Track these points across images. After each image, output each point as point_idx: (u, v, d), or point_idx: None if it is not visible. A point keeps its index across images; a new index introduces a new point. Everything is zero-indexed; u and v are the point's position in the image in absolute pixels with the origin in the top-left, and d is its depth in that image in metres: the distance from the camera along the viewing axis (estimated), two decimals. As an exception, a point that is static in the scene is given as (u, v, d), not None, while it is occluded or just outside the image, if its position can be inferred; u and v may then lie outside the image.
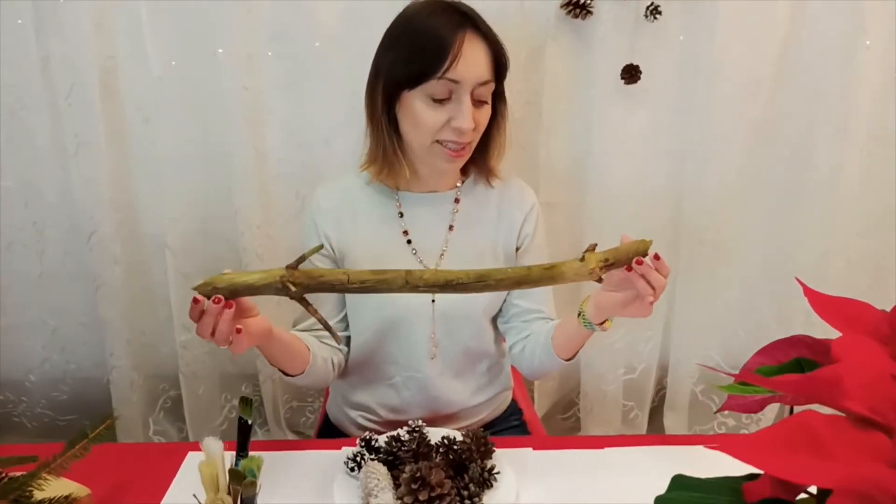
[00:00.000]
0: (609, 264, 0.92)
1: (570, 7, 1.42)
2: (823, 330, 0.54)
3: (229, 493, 0.72)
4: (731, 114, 1.52)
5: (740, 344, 1.74)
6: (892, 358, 0.46)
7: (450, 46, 1.00)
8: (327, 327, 0.93)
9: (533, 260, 1.20)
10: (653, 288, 0.93)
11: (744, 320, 1.72)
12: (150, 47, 1.44)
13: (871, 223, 1.61)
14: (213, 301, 0.86)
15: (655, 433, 1.81)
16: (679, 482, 0.50)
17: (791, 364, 0.53)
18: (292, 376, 1.10)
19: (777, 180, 1.59)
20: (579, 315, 1.04)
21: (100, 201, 1.53)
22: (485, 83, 1.03)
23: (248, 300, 0.92)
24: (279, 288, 0.87)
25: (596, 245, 0.93)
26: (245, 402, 0.84)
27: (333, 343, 1.19)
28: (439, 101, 1.02)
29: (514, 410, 1.34)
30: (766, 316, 1.70)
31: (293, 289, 0.86)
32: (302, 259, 0.89)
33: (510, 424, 1.31)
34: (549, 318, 1.23)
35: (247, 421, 0.83)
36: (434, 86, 1.01)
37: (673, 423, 1.79)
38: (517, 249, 1.20)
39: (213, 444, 0.74)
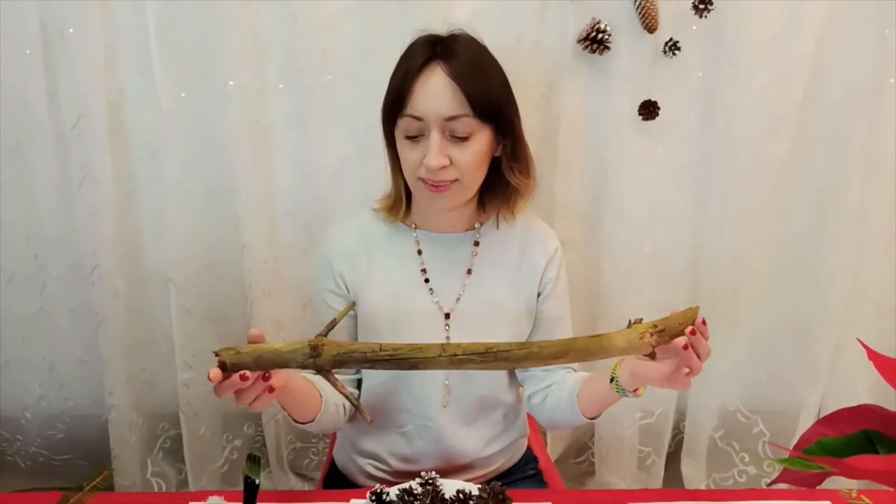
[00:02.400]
0: (660, 332, 0.87)
1: (588, 42, 1.40)
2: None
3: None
4: (752, 152, 1.48)
5: (761, 388, 1.68)
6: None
7: (409, 83, 0.99)
8: (355, 405, 0.87)
9: (555, 306, 1.16)
10: (699, 359, 0.88)
11: (766, 364, 1.67)
12: (160, 79, 1.41)
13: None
14: (241, 378, 0.82)
15: (672, 480, 1.75)
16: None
17: (857, 437, 0.48)
18: (302, 423, 1.05)
19: (801, 221, 1.55)
20: (612, 380, 1.00)
21: (103, 235, 1.48)
22: (453, 118, 0.98)
23: None
24: (306, 358, 0.82)
25: (641, 319, 0.88)
26: (252, 460, 0.79)
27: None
28: (413, 139, 1.01)
29: (529, 459, 1.28)
30: (790, 360, 1.65)
31: (321, 358, 0.82)
32: (332, 325, 0.84)
33: (526, 474, 1.25)
34: (570, 367, 1.18)
35: (254, 480, 0.78)
36: (403, 123, 1.00)
37: (691, 470, 1.72)
38: (539, 295, 1.16)
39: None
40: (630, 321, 0.89)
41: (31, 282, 1.55)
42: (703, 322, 0.89)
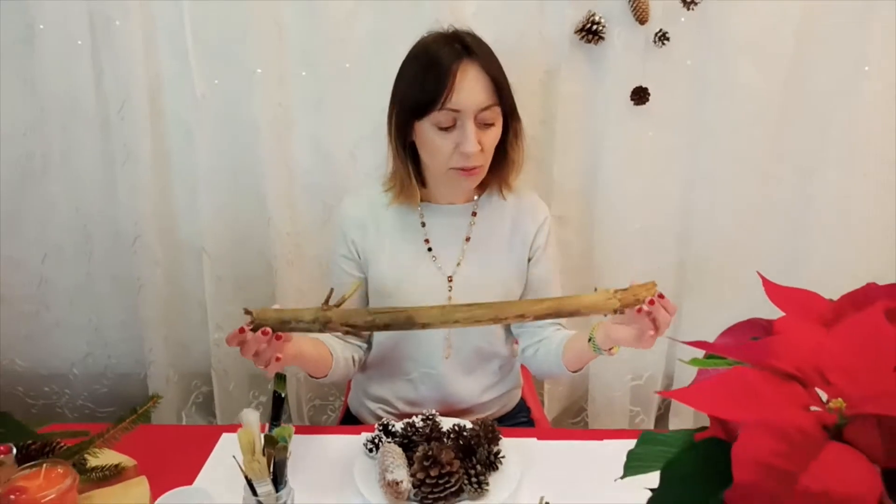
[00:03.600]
0: (620, 298, 1.00)
1: (584, 33, 1.53)
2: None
3: (264, 456, 0.81)
4: (737, 136, 1.59)
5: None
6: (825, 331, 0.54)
7: (447, 79, 1.08)
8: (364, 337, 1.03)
9: (543, 269, 1.30)
10: (657, 326, 1.02)
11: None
12: (195, 68, 1.56)
13: (882, 246, 1.66)
14: (262, 333, 0.97)
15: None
16: (647, 438, 0.59)
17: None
18: (318, 378, 1.21)
19: (784, 200, 1.65)
20: (590, 340, 1.13)
21: (143, 208, 1.65)
22: (486, 108, 1.11)
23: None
24: (321, 325, 0.97)
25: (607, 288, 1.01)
26: (280, 377, 0.94)
27: (355, 341, 1.29)
28: (446, 129, 1.11)
29: (522, 408, 1.43)
30: (771, 328, 1.75)
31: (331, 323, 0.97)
32: (342, 301, 0.99)
33: (518, 421, 1.39)
34: (559, 324, 1.32)
35: (280, 394, 0.94)
36: (438, 116, 1.10)
37: (677, 426, 1.85)
38: (529, 259, 1.29)
39: (250, 415, 0.84)
40: (595, 288, 1.03)
41: (79, 251, 1.72)
42: (661, 296, 1.01)
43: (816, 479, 0.42)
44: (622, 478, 0.59)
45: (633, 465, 0.63)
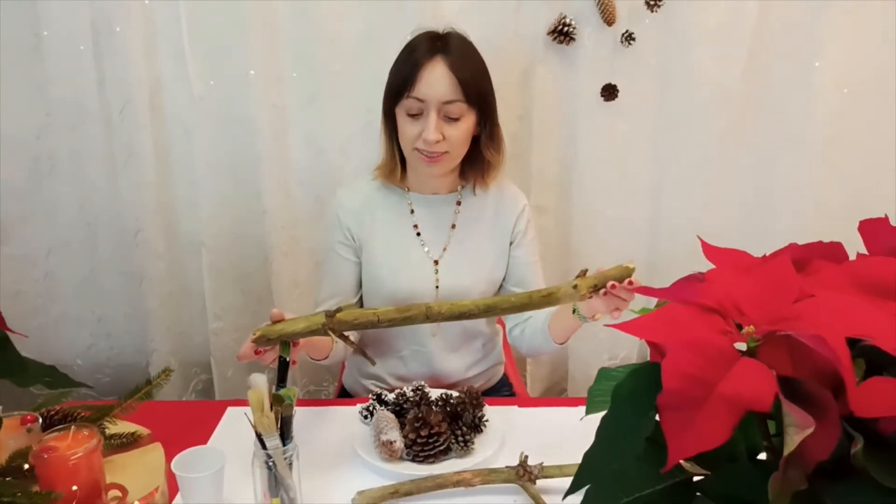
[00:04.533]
0: (596, 289, 1.09)
1: (556, 34, 1.64)
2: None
3: (272, 412, 0.91)
4: (701, 126, 1.71)
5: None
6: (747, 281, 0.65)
7: (416, 70, 1.21)
8: (363, 353, 1.13)
9: (525, 252, 1.40)
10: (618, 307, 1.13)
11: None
12: (192, 70, 1.66)
13: (834, 220, 1.78)
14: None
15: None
16: (603, 374, 0.71)
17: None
18: (318, 360, 1.30)
19: (746, 183, 1.77)
20: (574, 311, 1.24)
21: (145, 204, 1.74)
22: (449, 102, 1.22)
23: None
24: (323, 331, 1.05)
25: (587, 270, 1.10)
26: (284, 344, 1.04)
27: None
28: (413, 116, 1.24)
29: (505, 383, 1.53)
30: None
31: (335, 328, 1.05)
32: (339, 310, 1.06)
33: (501, 394, 1.50)
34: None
35: (285, 359, 1.04)
36: (407, 103, 1.23)
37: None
38: (511, 244, 1.40)
39: (259, 378, 0.94)
40: (577, 277, 1.12)
41: (84, 246, 1.81)
42: (630, 282, 1.08)
43: (729, 385, 0.53)
44: (587, 415, 0.70)
45: (595, 402, 0.74)
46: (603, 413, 0.62)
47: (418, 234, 1.37)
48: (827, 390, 0.51)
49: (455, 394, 1.23)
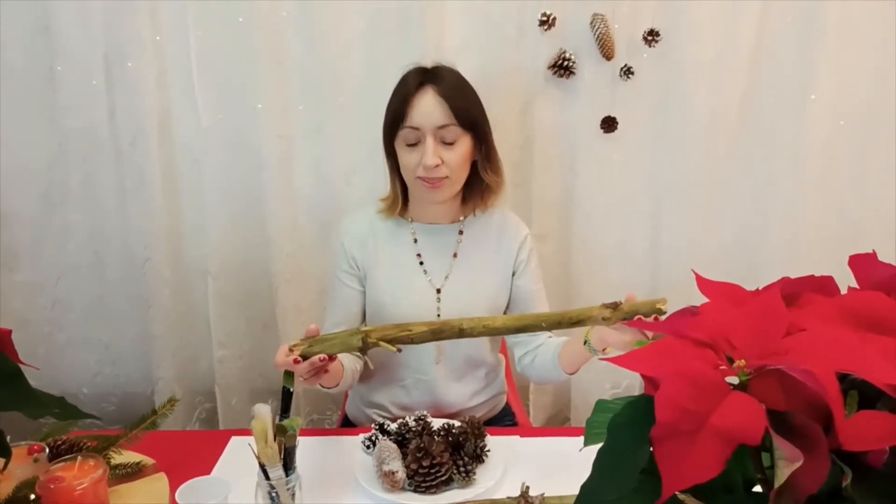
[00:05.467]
0: (627, 319, 1.11)
1: (556, 68, 1.68)
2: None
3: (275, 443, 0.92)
4: (698, 154, 1.74)
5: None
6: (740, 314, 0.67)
7: (407, 100, 1.26)
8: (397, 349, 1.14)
9: (528, 282, 1.42)
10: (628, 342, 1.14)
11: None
12: (201, 102, 1.70)
13: (830, 250, 1.80)
14: (320, 360, 1.09)
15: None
16: (601, 406, 0.72)
17: (684, 326, 0.74)
18: (328, 388, 1.31)
19: (741, 210, 1.79)
20: (585, 343, 1.24)
21: (153, 232, 1.77)
22: (443, 126, 1.26)
23: None
24: (359, 348, 1.10)
25: (621, 302, 1.11)
26: (288, 374, 1.06)
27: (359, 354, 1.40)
28: (411, 146, 1.28)
29: (507, 413, 1.54)
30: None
31: (370, 342, 1.10)
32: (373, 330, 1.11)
33: (504, 424, 1.51)
34: (550, 333, 1.43)
35: (289, 389, 1.05)
36: (403, 134, 1.27)
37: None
38: (514, 273, 1.42)
39: (262, 408, 0.95)
40: (610, 304, 1.12)
41: (92, 272, 1.83)
42: (656, 318, 1.09)
43: (720, 419, 0.54)
44: (585, 446, 0.71)
45: (593, 433, 0.76)
46: (600, 444, 0.63)
47: (421, 262, 1.39)
48: (816, 424, 0.52)
49: (457, 423, 1.23)
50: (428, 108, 1.27)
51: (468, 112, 1.30)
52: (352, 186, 1.78)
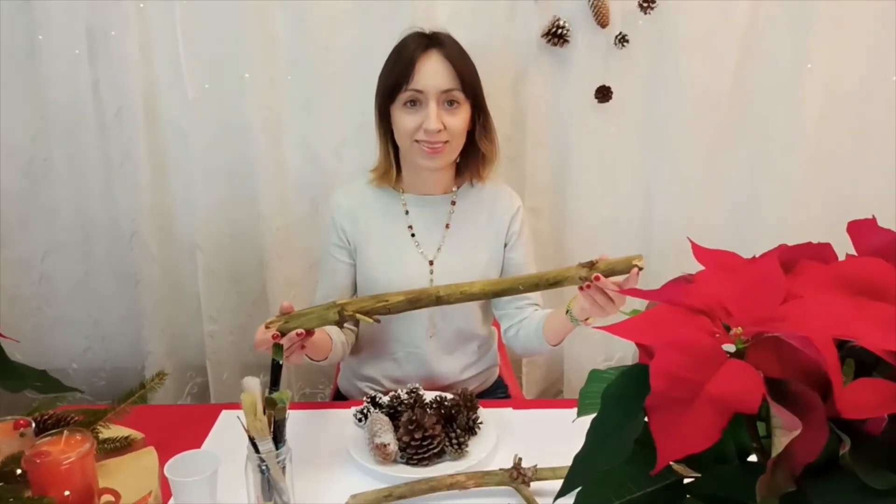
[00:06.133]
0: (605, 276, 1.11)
1: (549, 37, 1.64)
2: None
3: (265, 416, 0.91)
4: (692, 127, 1.72)
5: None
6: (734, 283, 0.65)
7: (412, 63, 1.23)
8: (372, 320, 1.12)
9: (519, 254, 1.41)
10: (611, 301, 1.12)
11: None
12: (187, 74, 1.66)
13: (823, 226, 1.80)
14: (297, 335, 1.07)
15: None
16: (594, 376, 0.71)
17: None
18: (317, 360, 1.30)
19: (735, 186, 1.78)
20: (567, 312, 1.24)
21: (140, 207, 1.74)
22: (447, 90, 1.24)
23: None
24: (337, 322, 1.09)
25: (597, 260, 1.12)
26: (277, 347, 1.04)
27: (350, 326, 1.39)
28: (412, 109, 1.25)
29: (500, 385, 1.54)
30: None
31: (346, 315, 1.09)
32: (349, 302, 1.10)
33: (496, 396, 1.50)
34: (536, 304, 1.42)
35: (279, 362, 1.04)
36: (404, 96, 1.25)
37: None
38: (505, 245, 1.41)
39: (252, 381, 0.94)
40: (587, 263, 1.13)
41: (79, 249, 1.81)
42: (597, 277, 1.10)
43: (716, 387, 0.53)
44: (578, 417, 0.70)
45: (586, 404, 0.74)
46: (594, 415, 0.62)
47: (413, 234, 1.37)
48: (814, 391, 0.51)
49: (449, 396, 1.23)
50: (434, 70, 1.25)
51: (472, 79, 1.29)
52: (342, 160, 1.75)
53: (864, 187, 1.76)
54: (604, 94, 1.69)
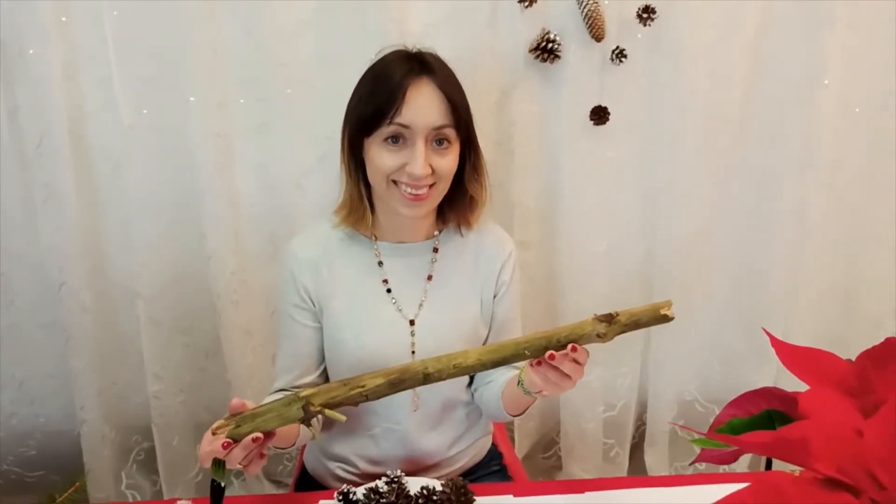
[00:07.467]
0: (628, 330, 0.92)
1: (538, 52, 1.46)
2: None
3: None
4: (697, 150, 1.55)
5: (716, 377, 1.76)
6: (858, 411, 0.46)
7: (398, 93, 1.01)
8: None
9: (507, 307, 1.21)
10: (567, 377, 0.94)
11: (718, 353, 1.74)
12: (120, 96, 1.43)
13: (839, 253, 1.65)
14: (253, 440, 0.85)
15: (636, 470, 1.81)
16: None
17: (762, 417, 0.53)
18: (284, 448, 1.08)
19: (745, 213, 1.63)
20: (519, 384, 1.05)
21: (69, 251, 1.50)
22: (439, 128, 1.03)
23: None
24: (301, 417, 0.87)
25: (618, 313, 0.92)
26: (217, 464, 0.82)
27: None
28: (394, 146, 1.03)
29: (493, 455, 1.33)
30: (740, 347, 1.72)
31: (314, 411, 0.88)
32: (315, 394, 0.88)
33: (490, 470, 1.30)
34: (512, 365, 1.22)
35: (219, 483, 0.82)
36: (386, 131, 1.03)
37: (653, 459, 1.78)
38: (494, 297, 1.20)
39: (184, 509, 0.72)
40: (603, 317, 0.92)
41: (0, 299, 1.56)
42: (574, 349, 0.90)
43: None
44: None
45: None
46: None
47: (388, 290, 1.15)
48: None
49: (438, 486, 1.02)
50: (425, 103, 1.02)
51: (466, 113, 1.08)
52: (304, 192, 1.54)
53: (882, 210, 1.61)
54: (600, 115, 1.50)
